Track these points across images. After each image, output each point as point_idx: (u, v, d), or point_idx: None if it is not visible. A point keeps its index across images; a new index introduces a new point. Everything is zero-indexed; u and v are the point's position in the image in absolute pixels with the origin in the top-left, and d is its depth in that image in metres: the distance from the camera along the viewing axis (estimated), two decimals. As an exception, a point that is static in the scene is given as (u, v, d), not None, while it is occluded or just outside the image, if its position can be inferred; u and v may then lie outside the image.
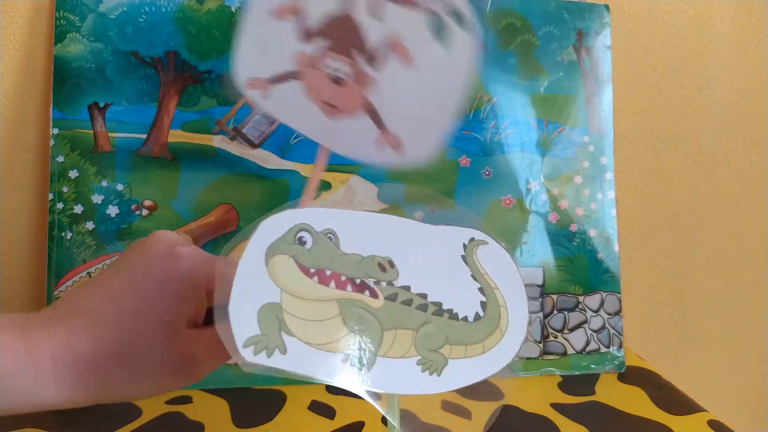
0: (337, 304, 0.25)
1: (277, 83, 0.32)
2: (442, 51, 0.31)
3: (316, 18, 0.31)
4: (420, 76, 0.31)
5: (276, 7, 0.30)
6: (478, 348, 0.27)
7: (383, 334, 0.25)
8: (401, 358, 0.26)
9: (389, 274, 0.26)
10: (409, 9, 0.30)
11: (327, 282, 0.25)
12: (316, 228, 0.26)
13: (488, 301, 0.28)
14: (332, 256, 0.26)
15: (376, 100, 0.31)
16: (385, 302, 0.26)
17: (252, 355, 0.23)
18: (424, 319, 0.26)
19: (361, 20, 0.30)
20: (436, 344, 0.26)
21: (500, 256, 0.29)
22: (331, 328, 0.25)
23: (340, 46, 0.31)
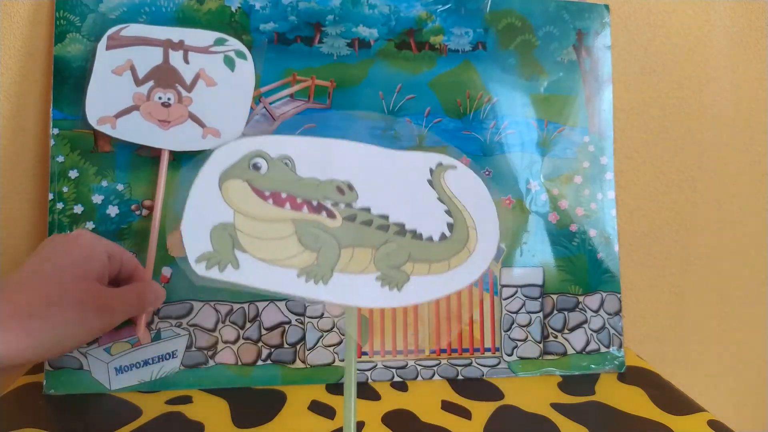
0: (292, 224, 0.27)
1: (121, 116, 0.46)
2: (232, 73, 0.48)
3: (144, 69, 0.47)
4: (220, 90, 0.47)
5: (115, 67, 0.46)
6: (443, 266, 0.28)
7: (340, 251, 0.27)
8: (360, 274, 0.27)
9: (348, 197, 0.28)
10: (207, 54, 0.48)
11: (282, 204, 0.27)
12: (272, 154, 0.27)
13: (456, 223, 0.29)
14: (288, 180, 0.27)
15: (195, 110, 0.47)
16: (343, 222, 0.27)
17: (204, 269, 0.25)
18: (385, 238, 0.27)
19: (176, 65, 0.47)
20: (397, 262, 0.27)
21: (471, 180, 0.30)
22: (285, 246, 0.26)
23: (164, 83, 0.47)
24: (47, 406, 0.44)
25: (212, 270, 0.26)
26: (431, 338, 0.50)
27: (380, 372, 0.49)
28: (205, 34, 0.48)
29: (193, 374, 0.47)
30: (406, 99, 0.51)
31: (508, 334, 0.51)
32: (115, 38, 0.47)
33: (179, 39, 0.47)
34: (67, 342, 0.35)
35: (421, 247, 0.28)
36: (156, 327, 0.47)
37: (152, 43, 0.47)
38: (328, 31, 0.50)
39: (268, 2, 0.50)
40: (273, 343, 0.48)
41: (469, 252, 0.29)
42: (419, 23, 0.52)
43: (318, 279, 0.26)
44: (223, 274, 0.26)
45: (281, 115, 0.50)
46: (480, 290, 0.51)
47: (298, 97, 0.50)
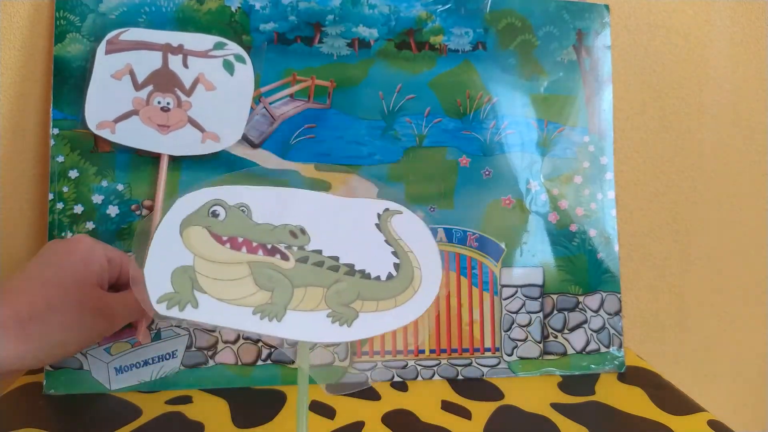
0: (248, 266, 0.29)
1: (121, 121, 0.46)
2: (231, 77, 0.47)
3: (143, 73, 0.47)
4: (219, 94, 0.47)
5: (114, 72, 0.46)
6: (390, 303, 0.30)
7: (294, 290, 0.29)
8: (312, 311, 0.29)
9: (300, 240, 0.30)
10: (206, 58, 0.47)
11: (239, 247, 0.29)
12: (230, 203, 0.29)
13: (402, 263, 0.31)
14: (244, 225, 0.29)
15: (194, 115, 0.47)
16: (296, 264, 0.29)
17: (165, 309, 0.27)
18: (336, 278, 0.30)
19: (175, 69, 0.47)
20: (347, 299, 0.29)
21: (415, 224, 0.32)
22: (241, 286, 0.28)
23: (164, 87, 0.46)
24: (47, 406, 0.44)
25: (173, 309, 0.27)
26: (431, 338, 0.50)
27: (380, 372, 0.49)
28: (204, 38, 0.48)
29: (193, 374, 0.47)
30: (406, 99, 0.51)
31: (508, 334, 0.51)
32: (114, 42, 0.47)
33: (178, 43, 0.47)
34: (68, 346, 0.35)
35: (369, 286, 0.30)
36: (156, 327, 0.47)
37: (151, 48, 0.47)
38: (328, 31, 0.50)
39: (268, 2, 0.50)
40: (273, 343, 0.48)
41: (414, 290, 0.31)
42: (419, 23, 0.52)
43: (272, 316, 0.28)
44: (183, 313, 0.27)
45: (281, 115, 0.50)
46: (480, 290, 0.51)
47: (298, 97, 0.50)
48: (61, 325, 0.34)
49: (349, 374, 0.49)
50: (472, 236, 0.51)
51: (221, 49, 0.47)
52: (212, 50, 0.47)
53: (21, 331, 0.32)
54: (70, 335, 0.35)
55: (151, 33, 0.47)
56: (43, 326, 0.33)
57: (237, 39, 0.49)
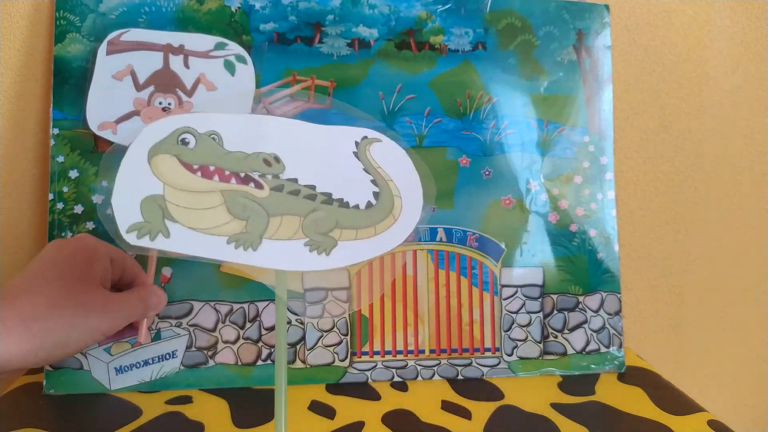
0: (221, 195, 0.28)
1: (122, 121, 0.46)
2: (232, 78, 0.47)
3: (144, 74, 0.46)
4: (221, 93, 0.47)
5: (115, 72, 0.46)
6: (370, 231, 0.30)
7: (269, 219, 0.28)
8: (288, 240, 0.28)
9: (274, 168, 0.29)
10: (207, 58, 0.47)
11: (210, 176, 0.28)
12: (200, 130, 0.29)
13: (381, 192, 0.30)
14: (216, 153, 0.29)
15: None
16: (271, 192, 0.28)
17: (135, 239, 0.27)
18: (313, 206, 0.29)
19: (176, 70, 0.47)
20: (325, 228, 0.29)
21: (396, 152, 0.31)
22: (214, 215, 0.28)
23: (165, 88, 0.46)
24: (47, 406, 0.44)
25: (143, 239, 0.27)
26: (431, 338, 0.50)
27: (380, 372, 0.49)
28: (205, 39, 0.48)
29: (193, 374, 0.47)
30: (406, 99, 0.51)
31: (508, 334, 0.51)
32: (115, 43, 0.47)
33: (179, 44, 0.47)
34: (71, 346, 0.35)
35: (348, 215, 0.29)
36: (156, 327, 0.47)
37: (152, 48, 0.47)
38: (328, 31, 0.50)
39: (268, 2, 0.50)
40: (273, 343, 0.48)
41: (394, 218, 0.30)
42: (419, 23, 0.52)
43: (247, 245, 0.27)
44: (154, 243, 0.27)
45: (281, 115, 0.50)
46: (480, 290, 0.51)
47: (299, 97, 0.50)
48: (64, 324, 0.34)
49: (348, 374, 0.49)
50: (472, 236, 0.51)
51: (222, 49, 0.48)
52: (213, 50, 0.47)
53: (24, 331, 0.32)
54: (72, 334, 0.35)
55: (152, 34, 0.47)
56: (46, 325, 0.33)
57: (237, 39, 0.49)
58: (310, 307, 0.49)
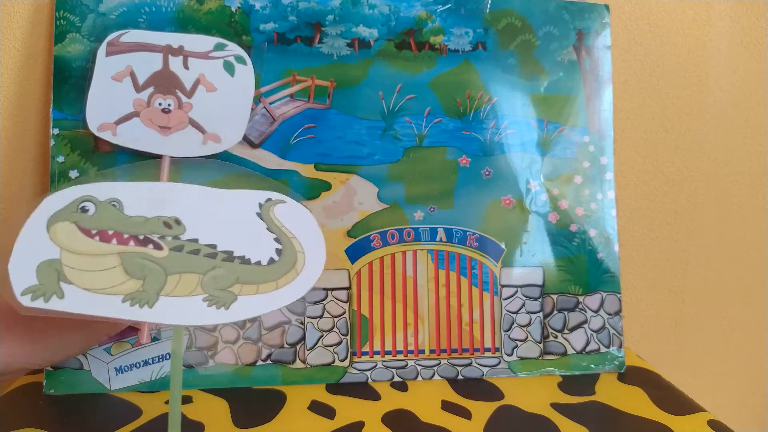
0: (118, 257, 0.29)
1: (122, 123, 0.46)
2: (232, 78, 0.47)
3: (144, 75, 0.46)
4: (220, 95, 0.47)
5: (115, 74, 0.46)
6: (271, 286, 0.30)
7: (167, 278, 0.29)
8: (186, 297, 0.29)
9: (175, 230, 0.30)
10: (207, 59, 0.47)
11: (108, 240, 0.29)
12: (101, 198, 0.29)
13: (284, 248, 0.31)
14: (115, 218, 0.29)
15: (195, 116, 0.47)
16: (171, 252, 0.29)
17: (29, 301, 0.27)
18: (213, 264, 0.30)
19: (175, 71, 0.46)
20: (225, 284, 0.30)
21: (300, 213, 0.33)
22: (110, 276, 0.28)
23: (164, 89, 0.46)
24: (47, 406, 0.44)
25: (38, 301, 0.27)
26: (431, 338, 0.50)
27: (380, 372, 0.49)
28: (204, 40, 0.48)
29: (193, 374, 0.47)
30: (406, 99, 0.51)
31: (508, 334, 0.51)
32: (114, 44, 0.47)
33: (179, 44, 0.47)
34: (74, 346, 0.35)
35: (249, 271, 0.30)
36: (156, 327, 0.47)
37: (152, 49, 0.47)
38: (328, 31, 0.50)
39: (268, 2, 0.50)
40: (273, 343, 0.48)
41: (297, 272, 0.31)
42: (419, 23, 0.52)
43: (143, 303, 0.28)
44: (48, 304, 0.27)
45: (281, 115, 0.50)
46: (480, 290, 0.51)
47: (298, 97, 0.50)
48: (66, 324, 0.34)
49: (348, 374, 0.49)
50: (472, 236, 0.51)
51: (222, 50, 0.48)
52: (213, 51, 0.47)
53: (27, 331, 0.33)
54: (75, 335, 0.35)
55: (152, 35, 0.47)
56: (49, 326, 0.33)
57: (237, 39, 0.49)
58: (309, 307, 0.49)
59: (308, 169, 0.49)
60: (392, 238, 0.50)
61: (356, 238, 0.50)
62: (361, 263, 0.50)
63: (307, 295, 0.49)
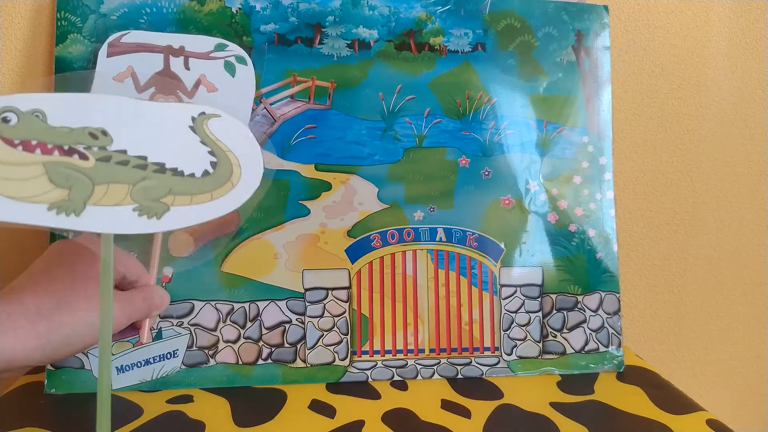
0: (42, 166, 0.28)
1: None
2: (232, 79, 0.46)
3: (145, 76, 0.46)
4: (221, 95, 0.46)
5: (116, 74, 0.46)
6: (206, 197, 0.31)
7: (94, 187, 0.28)
8: (115, 206, 0.29)
9: (101, 141, 0.29)
10: (207, 60, 0.47)
11: (32, 149, 0.28)
12: (23, 109, 0.29)
13: (219, 161, 0.31)
14: (38, 128, 0.29)
15: None
16: (97, 163, 0.29)
17: None
18: (143, 175, 0.30)
19: (176, 71, 0.46)
20: (156, 195, 0.29)
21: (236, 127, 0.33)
22: (34, 185, 0.28)
23: (166, 89, 0.46)
24: (48, 406, 0.44)
25: None
26: (431, 338, 0.50)
27: (380, 371, 0.49)
28: (205, 40, 0.48)
29: (193, 373, 0.47)
30: (406, 99, 0.51)
31: (508, 334, 0.51)
32: (115, 45, 0.47)
33: (180, 45, 0.47)
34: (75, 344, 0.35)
35: (182, 182, 0.30)
36: (157, 327, 0.47)
37: (153, 50, 0.47)
38: (328, 32, 0.51)
39: (269, 3, 0.50)
40: (273, 343, 0.48)
41: (233, 185, 0.31)
42: (419, 24, 0.52)
43: (69, 211, 0.28)
44: None
45: (282, 116, 0.50)
46: (479, 290, 0.51)
47: (299, 98, 0.50)
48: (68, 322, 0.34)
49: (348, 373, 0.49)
50: (472, 236, 0.51)
51: (222, 50, 0.48)
52: (213, 52, 0.48)
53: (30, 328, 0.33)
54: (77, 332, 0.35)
55: (153, 35, 0.47)
56: (52, 323, 0.34)
57: (237, 40, 0.49)
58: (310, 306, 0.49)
59: (308, 169, 0.50)
60: (392, 238, 0.50)
61: (356, 238, 0.50)
62: (361, 263, 0.50)
63: (308, 295, 0.49)
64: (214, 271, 0.48)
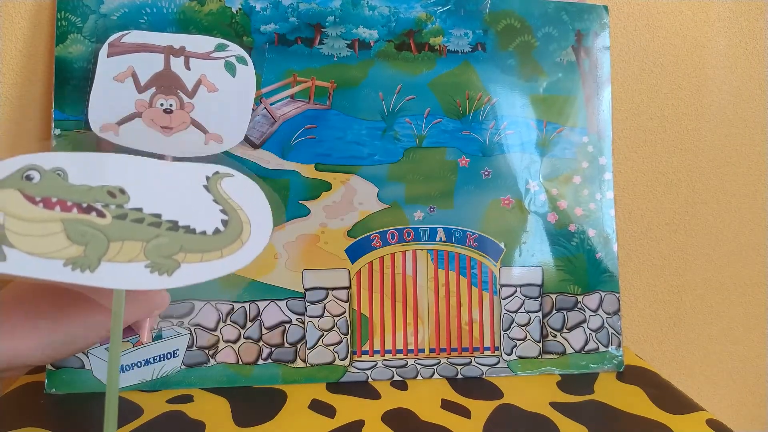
0: (61, 223, 0.29)
1: (124, 123, 0.46)
2: (233, 79, 0.46)
3: (145, 76, 0.46)
4: (222, 95, 0.46)
5: (116, 74, 0.46)
6: (216, 254, 0.31)
7: (109, 244, 0.29)
8: (129, 263, 0.29)
9: (119, 199, 0.30)
10: (208, 60, 0.46)
11: (52, 207, 0.29)
12: (46, 167, 0.30)
13: (230, 219, 0.32)
14: (59, 186, 0.30)
15: (197, 116, 0.46)
16: (113, 220, 0.30)
17: None
18: (157, 233, 0.30)
19: (177, 71, 0.46)
20: (168, 252, 0.30)
21: (247, 186, 0.33)
22: (53, 241, 0.29)
23: (166, 89, 0.46)
24: (49, 406, 0.44)
25: None
26: (431, 338, 0.50)
27: (380, 371, 0.49)
28: (206, 40, 0.48)
29: (194, 373, 0.47)
30: (405, 100, 0.51)
31: (508, 334, 0.51)
32: (116, 45, 0.47)
33: (180, 45, 0.47)
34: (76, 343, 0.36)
35: (193, 240, 0.31)
36: (157, 326, 0.47)
37: (153, 50, 0.47)
38: (328, 32, 0.51)
39: (269, 3, 0.50)
40: (274, 343, 0.48)
41: (242, 242, 0.32)
42: (419, 24, 0.52)
43: (84, 268, 0.28)
44: None
45: (282, 116, 0.50)
46: (479, 290, 0.51)
47: (299, 98, 0.50)
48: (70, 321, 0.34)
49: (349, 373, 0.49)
50: (472, 236, 0.51)
51: (223, 50, 0.48)
52: (214, 52, 0.48)
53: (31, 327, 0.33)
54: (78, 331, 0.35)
55: (153, 35, 0.47)
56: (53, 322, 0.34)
57: (238, 40, 0.49)
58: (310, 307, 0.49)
59: (308, 169, 0.50)
60: (392, 238, 0.50)
61: (356, 238, 0.50)
62: (361, 263, 0.50)
63: (308, 295, 0.49)
64: (214, 271, 0.48)
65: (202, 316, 0.48)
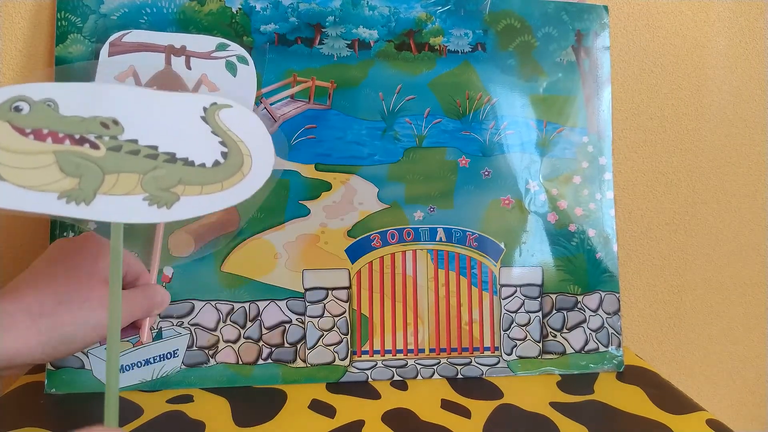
0: (53, 155, 0.28)
1: None
2: (234, 78, 0.47)
3: (146, 75, 0.46)
4: (223, 93, 0.46)
5: (118, 73, 0.46)
6: (216, 187, 0.30)
7: (104, 176, 0.28)
8: (126, 195, 0.28)
9: (112, 131, 0.29)
10: (209, 59, 0.47)
11: (43, 138, 0.28)
12: (35, 98, 0.29)
13: (230, 151, 0.31)
14: (50, 117, 0.29)
15: None
16: (108, 152, 0.29)
17: None
18: (154, 165, 0.29)
19: (178, 70, 0.47)
20: (167, 184, 0.29)
21: (248, 117, 0.33)
22: (45, 174, 0.28)
23: (167, 89, 0.45)
24: (48, 406, 0.44)
25: None
26: (431, 338, 0.50)
27: (380, 371, 0.49)
28: (206, 40, 0.48)
29: (194, 373, 0.47)
30: (406, 100, 0.51)
31: (508, 334, 0.51)
32: (117, 44, 0.47)
33: (181, 45, 0.47)
34: (76, 342, 0.36)
35: (192, 172, 0.30)
36: (157, 326, 0.47)
37: (154, 49, 0.47)
38: (328, 32, 0.51)
39: (269, 3, 0.50)
40: (273, 343, 0.48)
41: (243, 175, 0.31)
42: (419, 24, 0.52)
43: (79, 200, 0.28)
44: None
45: (282, 116, 0.50)
46: (479, 290, 0.51)
47: (299, 98, 0.50)
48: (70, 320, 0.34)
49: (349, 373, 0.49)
50: (472, 236, 0.51)
51: (224, 50, 0.48)
52: (215, 51, 0.48)
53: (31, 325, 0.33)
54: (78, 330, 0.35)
55: (154, 35, 0.47)
56: (53, 321, 0.34)
57: (238, 40, 0.49)
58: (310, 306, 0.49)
59: (309, 169, 0.50)
60: (392, 238, 0.50)
61: (356, 238, 0.50)
62: (361, 263, 0.50)
63: (308, 295, 0.49)
64: (214, 271, 0.48)
65: (202, 316, 0.48)
